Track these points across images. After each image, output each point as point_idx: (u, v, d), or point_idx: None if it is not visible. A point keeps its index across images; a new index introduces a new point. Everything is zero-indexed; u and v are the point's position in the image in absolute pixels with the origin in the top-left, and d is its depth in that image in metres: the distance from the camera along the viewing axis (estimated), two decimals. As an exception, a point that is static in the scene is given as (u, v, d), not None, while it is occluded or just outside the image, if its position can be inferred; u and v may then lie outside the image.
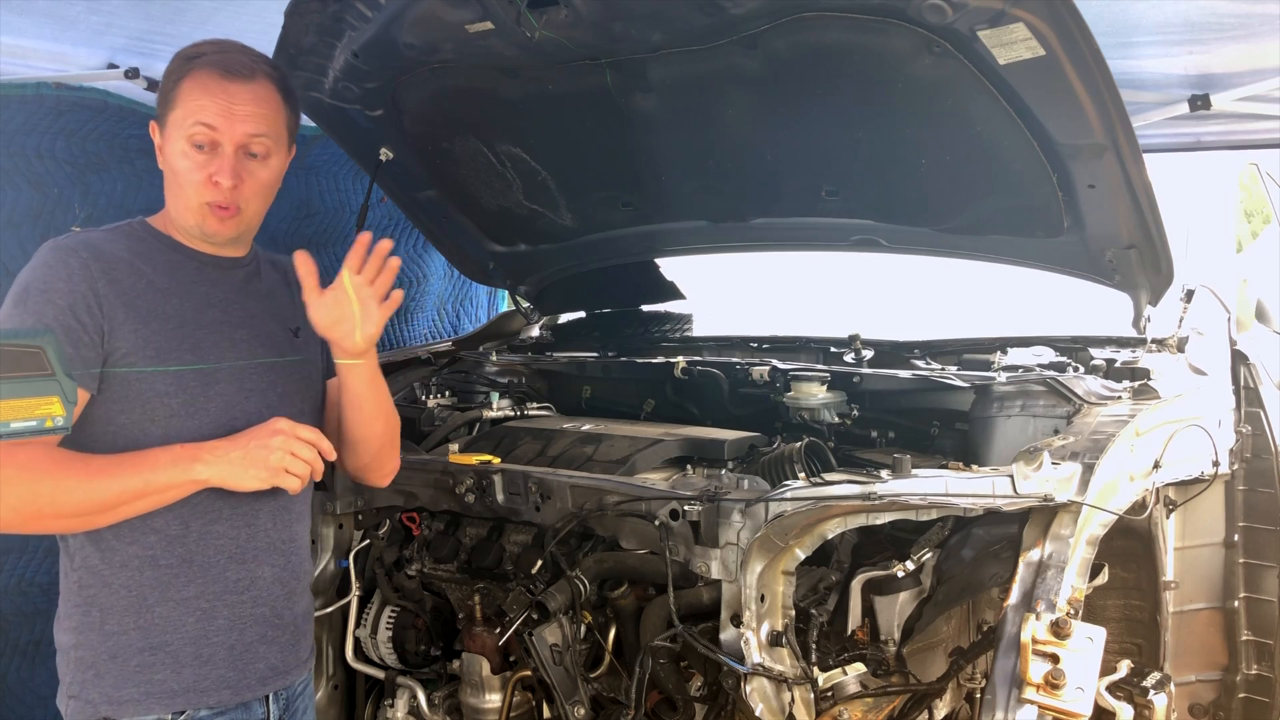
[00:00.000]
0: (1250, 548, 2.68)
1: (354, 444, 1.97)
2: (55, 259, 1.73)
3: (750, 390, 2.74)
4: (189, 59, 1.81)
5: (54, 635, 1.81)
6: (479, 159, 2.86)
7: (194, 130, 1.77)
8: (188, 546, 1.77)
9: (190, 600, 1.77)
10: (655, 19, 2.19)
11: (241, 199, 1.82)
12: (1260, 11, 2.46)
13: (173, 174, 1.82)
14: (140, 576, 1.75)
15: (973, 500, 1.84)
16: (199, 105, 1.77)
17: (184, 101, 1.78)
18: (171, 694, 1.75)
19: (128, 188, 2.98)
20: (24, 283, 1.71)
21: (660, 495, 2.03)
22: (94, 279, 1.72)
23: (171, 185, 1.84)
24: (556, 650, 2.11)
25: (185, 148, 1.78)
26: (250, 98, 1.80)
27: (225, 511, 1.80)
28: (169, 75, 1.82)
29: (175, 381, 1.73)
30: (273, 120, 1.84)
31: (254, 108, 1.81)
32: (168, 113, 1.80)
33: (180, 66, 1.81)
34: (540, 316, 3.72)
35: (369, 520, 2.51)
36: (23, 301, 1.69)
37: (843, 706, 1.96)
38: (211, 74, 1.78)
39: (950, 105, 2.25)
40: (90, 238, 1.81)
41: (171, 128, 1.80)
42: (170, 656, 1.76)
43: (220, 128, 1.77)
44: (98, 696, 1.74)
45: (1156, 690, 1.83)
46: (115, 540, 1.74)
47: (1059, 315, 3.45)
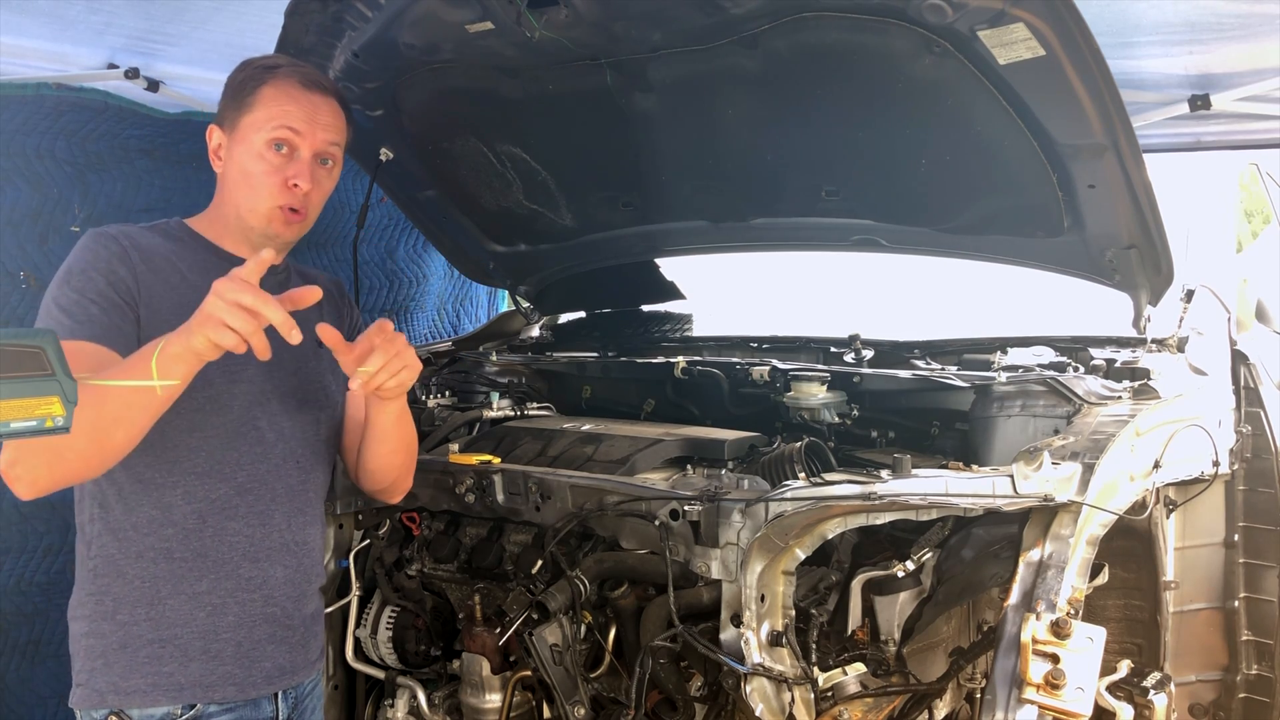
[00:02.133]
0: (1250, 548, 2.67)
1: (373, 471, 2.02)
2: (97, 244, 1.79)
3: (750, 390, 2.74)
4: (268, 68, 1.90)
5: (68, 622, 1.83)
6: (479, 159, 2.86)
7: (277, 133, 1.84)
8: (203, 541, 1.80)
9: (202, 595, 1.79)
10: (655, 19, 2.19)
11: (310, 204, 1.90)
12: (1260, 11, 2.46)
13: (243, 175, 1.86)
14: (155, 568, 1.77)
15: (973, 500, 1.84)
16: (285, 110, 1.85)
17: (266, 105, 1.85)
18: (178, 687, 1.77)
19: (128, 188, 2.98)
20: (67, 265, 1.76)
21: (660, 495, 2.03)
22: (134, 264, 1.77)
23: (238, 186, 1.87)
24: (556, 650, 2.11)
25: (263, 150, 1.84)
26: (329, 109, 1.91)
27: (242, 509, 1.82)
28: (246, 80, 1.88)
29: (201, 375, 1.73)
30: (343, 134, 1.95)
31: (332, 119, 1.91)
32: (242, 115, 1.86)
33: (259, 74, 1.88)
34: (540, 316, 3.72)
35: (369, 520, 2.51)
36: (66, 281, 1.74)
37: (843, 706, 1.95)
38: (294, 83, 1.87)
39: (950, 105, 2.24)
40: (130, 230, 1.86)
41: (247, 130, 1.85)
42: (179, 650, 1.77)
43: (304, 132, 1.86)
44: (105, 685, 1.76)
45: (1156, 690, 1.83)
46: (133, 531, 1.76)
47: (1059, 315, 3.46)
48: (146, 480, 1.77)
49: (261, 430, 1.85)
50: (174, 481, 1.78)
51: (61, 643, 2.93)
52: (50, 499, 2.85)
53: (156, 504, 1.77)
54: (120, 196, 2.96)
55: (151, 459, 1.74)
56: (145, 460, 1.73)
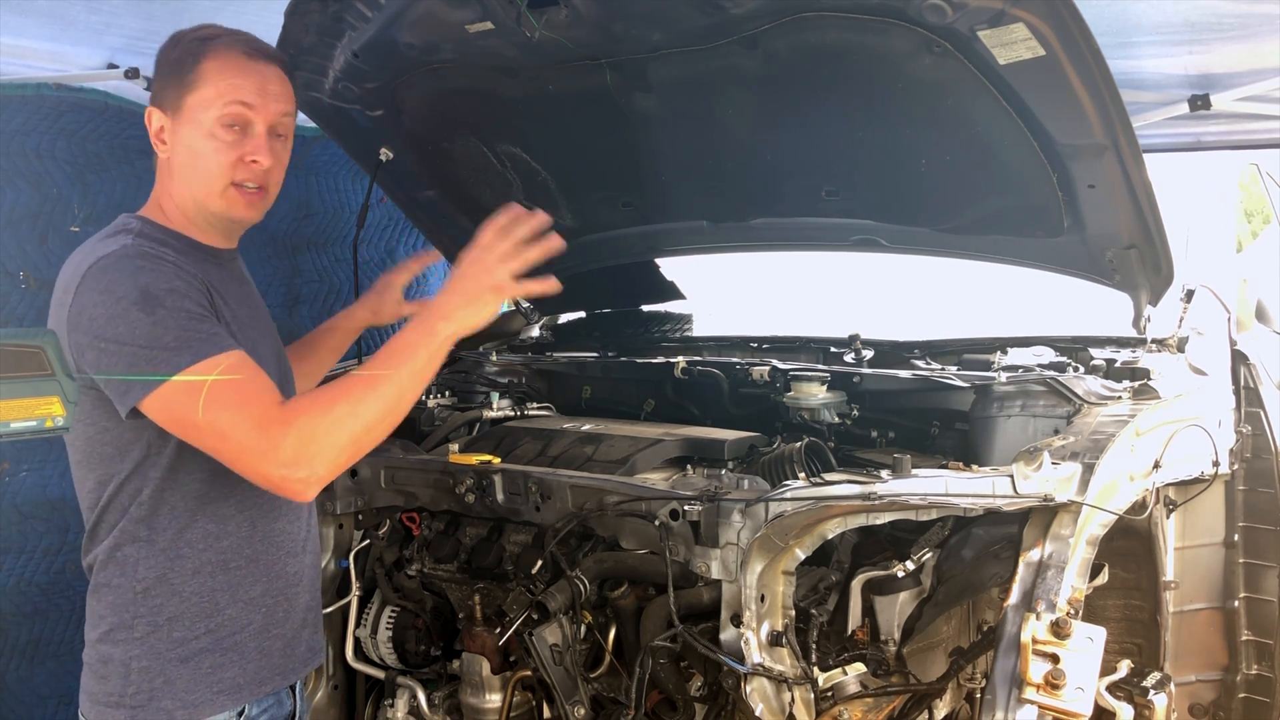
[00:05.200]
0: (1250, 548, 2.67)
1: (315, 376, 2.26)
2: (148, 264, 1.66)
3: (750, 390, 2.74)
4: (205, 39, 1.77)
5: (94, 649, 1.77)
6: (479, 159, 2.86)
7: (229, 110, 1.74)
8: (254, 547, 1.80)
9: (257, 599, 1.81)
10: (655, 19, 2.19)
11: (272, 180, 1.82)
12: (1260, 11, 2.46)
13: (192, 157, 1.76)
14: (212, 581, 1.76)
15: (973, 500, 1.84)
16: (233, 84, 1.75)
17: (212, 80, 1.74)
18: (239, 689, 1.78)
19: (127, 188, 2.97)
20: (139, 288, 1.61)
21: (660, 495, 2.03)
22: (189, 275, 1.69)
23: (187, 171, 1.78)
24: (556, 650, 2.11)
25: (214, 128, 1.74)
26: (277, 78, 1.82)
27: (283, 507, 1.84)
28: (183, 55, 1.77)
29: None
30: (293, 103, 1.87)
31: (281, 88, 1.82)
32: (185, 94, 1.75)
33: (197, 46, 1.77)
34: (540, 316, 3.72)
35: (369, 520, 2.51)
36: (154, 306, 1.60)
37: (843, 706, 1.95)
38: (237, 53, 1.77)
39: (950, 105, 2.24)
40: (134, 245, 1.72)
41: (193, 109, 1.75)
42: (239, 654, 1.78)
43: (256, 106, 1.76)
44: (171, 704, 1.73)
45: (1156, 690, 1.83)
46: (188, 549, 1.74)
47: (1059, 315, 3.46)
48: (202, 495, 1.75)
49: None
50: (227, 493, 1.76)
51: (62, 643, 2.94)
52: (50, 499, 2.88)
53: (212, 517, 1.76)
54: (120, 196, 2.95)
55: (206, 474, 1.72)
56: (199, 476, 1.72)
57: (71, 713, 1.81)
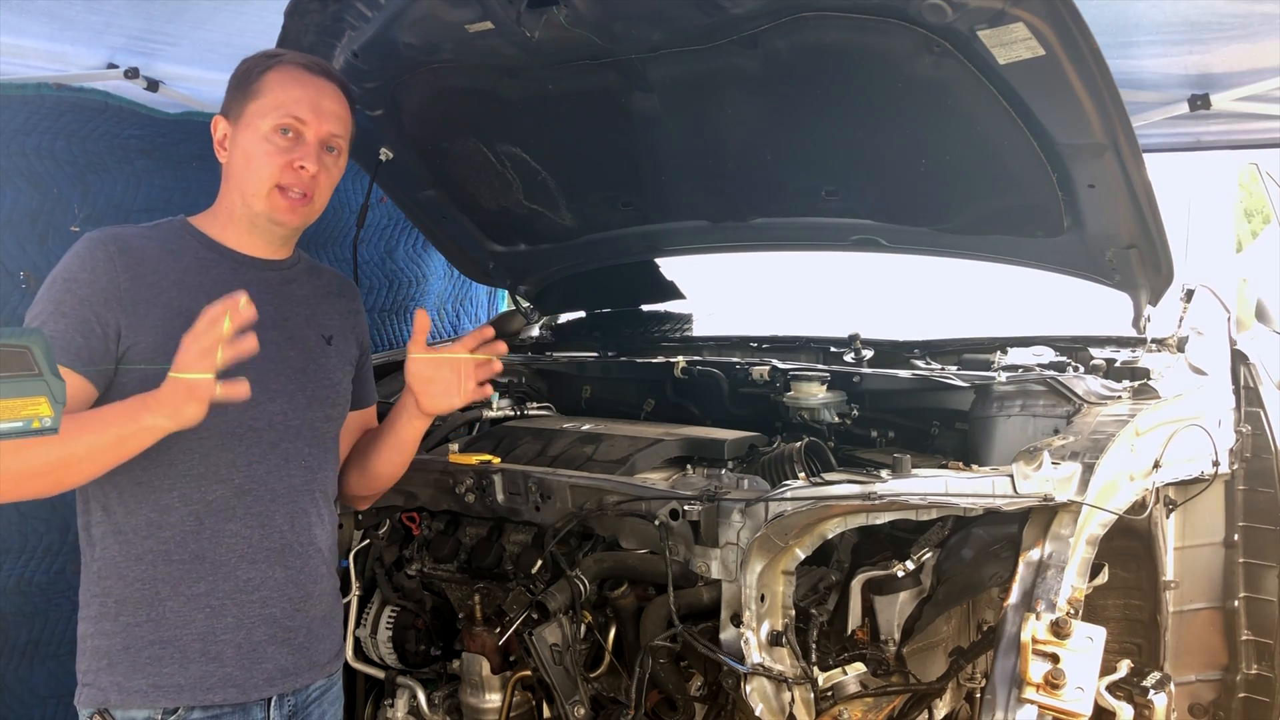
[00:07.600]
0: (1250, 547, 2.68)
1: (375, 477, 2.11)
2: (84, 250, 1.76)
3: (750, 390, 2.74)
4: (270, 56, 1.90)
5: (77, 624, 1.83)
6: (479, 159, 2.86)
7: (283, 119, 1.83)
8: (200, 543, 1.79)
9: (200, 597, 1.79)
10: (655, 19, 2.19)
11: (317, 188, 1.88)
12: (1260, 11, 2.46)
13: (246, 160, 1.84)
14: (154, 570, 1.77)
15: (973, 500, 1.84)
16: (291, 96, 1.84)
17: (272, 91, 1.85)
18: (178, 688, 1.76)
19: (127, 188, 2.98)
20: (53, 273, 1.76)
21: (660, 495, 2.03)
22: (117, 273, 1.74)
23: (240, 172, 1.86)
24: (556, 650, 2.11)
25: (269, 134, 1.83)
26: (334, 96, 1.90)
27: (239, 511, 1.81)
28: (250, 69, 1.88)
29: None
30: (348, 124, 1.94)
31: (336, 107, 1.90)
32: (248, 103, 1.85)
33: (263, 62, 1.88)
34: (540, 316, 3.72)
35: (369, 520, 2.51)
36: (48, 290, 1.74)
37: (843, 706, 1.96)
38: (299, 69, 1.88)
39: (950, 105, 2.24)
40: (122, 232, 1.84)
41: (252, 117, 1.84)
42: (179, 651, 1.77)
43: (309, 120, 1.85)
44: (108, 685, 1.76)
45: (1156, 690, 1.83)
46: (133, 533, 1.76)
47: (1059, 315, 3.45)
48: (144, 483, 1.76)
49: (260, 431, 1.83)
50: (170, 484, 1.76)
51: (61, 643, 2.94)
52: (50, 499, 2.87)
53: (154, 506, 1.77)
54: (120, 196, 2.96)
55: (148, 462, 1.72)
56: (142, 463, 1.72)
57: (71, 713, 1.82)
